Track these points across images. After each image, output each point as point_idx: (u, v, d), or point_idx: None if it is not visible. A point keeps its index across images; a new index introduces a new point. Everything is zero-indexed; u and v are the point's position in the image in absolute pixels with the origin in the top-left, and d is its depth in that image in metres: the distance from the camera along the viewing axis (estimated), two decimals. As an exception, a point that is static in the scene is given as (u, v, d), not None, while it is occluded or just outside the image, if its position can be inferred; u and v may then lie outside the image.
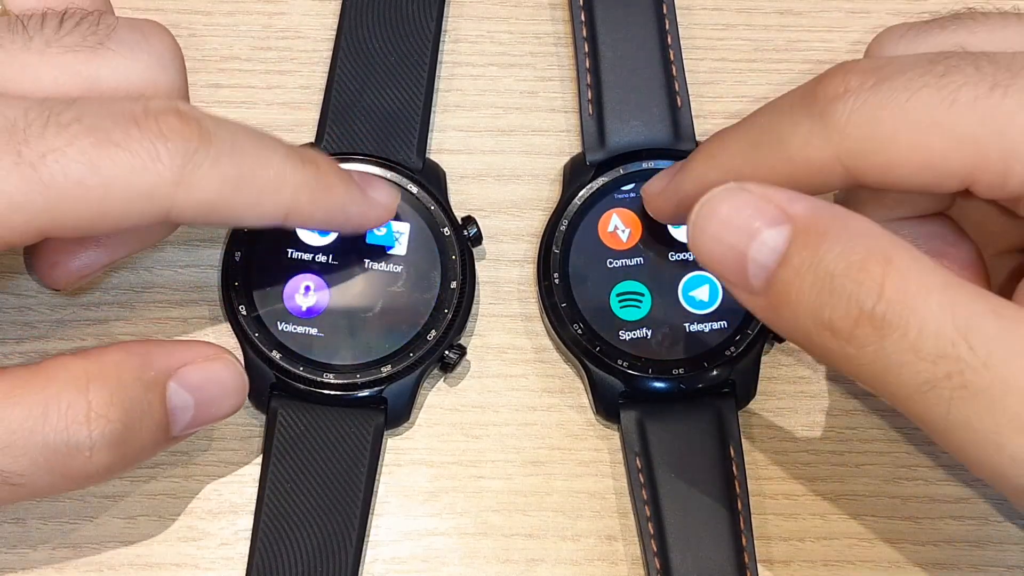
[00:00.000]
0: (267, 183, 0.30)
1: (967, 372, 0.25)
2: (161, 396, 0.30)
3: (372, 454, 0.35)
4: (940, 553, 0.36)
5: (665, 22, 0.39)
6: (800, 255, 0.27)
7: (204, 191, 0.29)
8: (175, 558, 0.35)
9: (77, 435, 0.28)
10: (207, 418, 0.31)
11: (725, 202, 0.28)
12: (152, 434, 0.30)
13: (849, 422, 0.37)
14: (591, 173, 0.38)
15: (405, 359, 0.35)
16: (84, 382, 0.28)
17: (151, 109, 0.28)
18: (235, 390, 0.32)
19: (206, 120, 0.29)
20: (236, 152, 0.29)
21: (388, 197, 0.34)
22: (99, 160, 0.27)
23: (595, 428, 0.37)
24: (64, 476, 0.29)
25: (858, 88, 0.28)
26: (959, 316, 0.26)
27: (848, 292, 0.26)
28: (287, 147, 0.31)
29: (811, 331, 0.27)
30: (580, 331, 0.36)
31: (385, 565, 0.35)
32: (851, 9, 0.41)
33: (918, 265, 0.26)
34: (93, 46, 0.30)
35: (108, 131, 0.27)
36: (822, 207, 0.28)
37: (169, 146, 0.28)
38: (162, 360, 0.30)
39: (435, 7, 0.39)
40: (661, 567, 0.34)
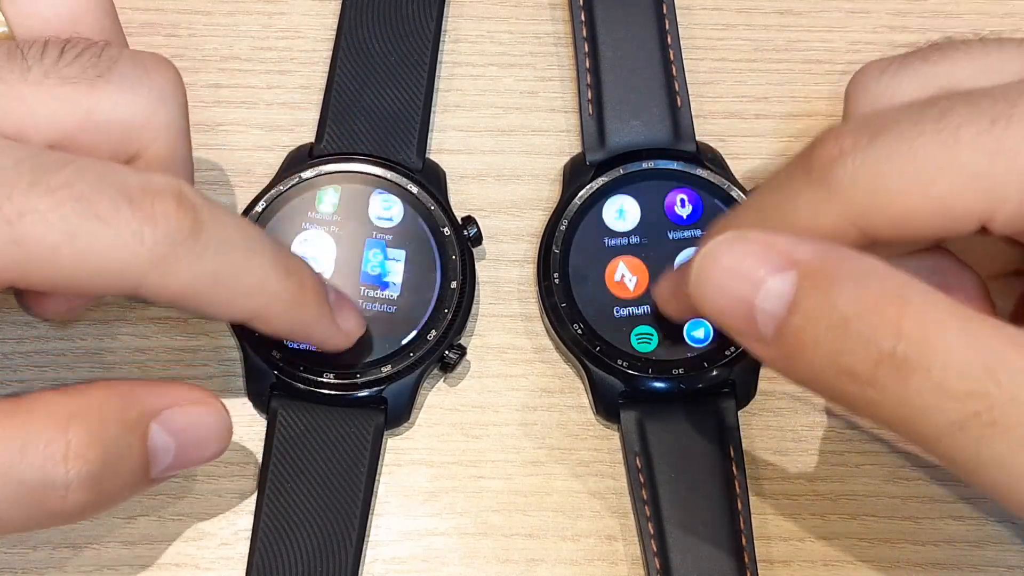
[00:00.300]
0: (245, 288, 0.30)
1: (996, 409, 0.25)
2: (142, 438, 0.29)
3: (372, 454, 0.35)
4: (940, 553, 0.36)
5: (665, 22, 0.39)
6: (810, 301, 0.26)
7: (178, 282, 0.28)
8: (175, 558, 0.35)
9: (53, 474, 0.27)
10: (188, 461, 0.31)
11: (726, 252, 0.27)
12: (131, 475, 0.29)
13: (849, 422, 0.37)
14: (591, 173, 0.38)
15: (405, 359, 0.35)
16: (65, 420, 0.28)
17: (151, 188, 0.28)
18: (218, 435, 0.31)
19: (204, 209, 0.28)
20: (223, 251, 0.29)
21: (354, 327, 0.34)
22: (79, 231, 0.27)
23: (595, 428, 0.37)
24: (37, 513, 0.28)
25: (853, 148, 0.28)
26: (981, 350, 0.25)
27: (865, 335, 0.25)
28: (275, 253, 0.30)
29: (830, 378, 0.26)
30: (580, 331, 0.36)
31: (385, 565, 0.35)
32: (851, 9, 0.41)
33: (933, 301, 0.26)
34: (92, 79, 0.30)
35: (95, 203, 0.27)
36: (828, 249, 0.27)
37: (157, 232, 0.27)
38: (146, 401, 0.30)
39: (435, 7, 0.39)
40: (661, 567, 0.34)
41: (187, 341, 0.37)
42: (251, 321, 0.31)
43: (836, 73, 0.40)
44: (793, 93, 0.40)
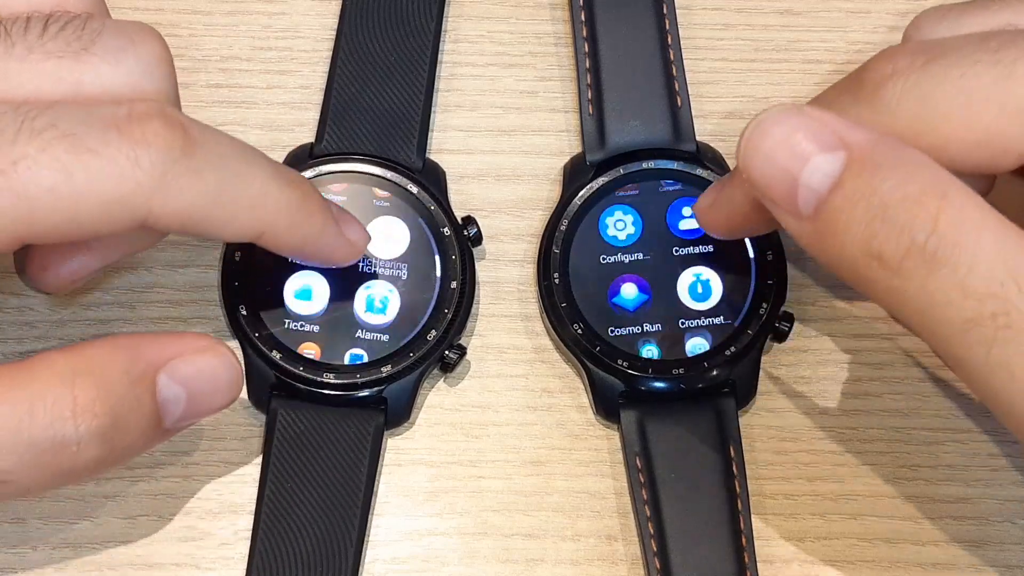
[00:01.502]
0: (248, 199, 0.30)
1: (1013, 313, 0.25)
2: (151, 389, 0.29)
3: (372, 454, 0.35)
4: (940, 553, 0.36)
5: (665, 22, 0.39)
6: (854, 183, 0.26)
7: (183, 201, 0.28)
8: (175, 558, 0.35)
9: (63, 430, 0.28)
10: (201, 411, 0.31)
11: (781, 123, 0.28)
12: (142, 428, 0.29)
13: (849, 422, 0.37)
14: (591, 173, 0.38)
15: (405, 359, 0.35)
16: (70, 377, 0.28)
17: (135, 113, 0.28)
18: (229, 382, 0.31)
19: (193, 127, 0.29)
20: (220, 164, 0.29)
21: (360, 237, 0.33)
22: (72, 167, 0.27)
23: (595, 428, 0.37)
24: (53, 472, 0.28)
25: (907, 69, 0.28)
26: (1011, 257, 0.25)
27: (901, 223, 0.26)
28: (273, 165, 0.31)
29: (858, 260, 0.27)
30: (580, 331, 0.36)
31: (385, 565, 0.35)
32: (851, 9, 0.41)
33: (973, 203, 0.26)
34: (77, 52, 0.29)
35: (84, 137, 0.27)
36: (880, 138, 0.27)
37: (151, 152, 0.27)
38: (151, 353, 0.30)
39: (435, 7, 0.39)
40: (661, 567, 0.34)
41: (187, 341, 0.37)
42: (260, 238, 0.31)
43: (836, 73, 0.40)
44: (793, 93, 0.40)
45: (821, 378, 0.37)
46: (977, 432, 0.37)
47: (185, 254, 0.38)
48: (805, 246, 0.28)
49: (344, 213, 0.34)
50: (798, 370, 0.37)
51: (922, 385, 0.37)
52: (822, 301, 0.38)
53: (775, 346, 0.37)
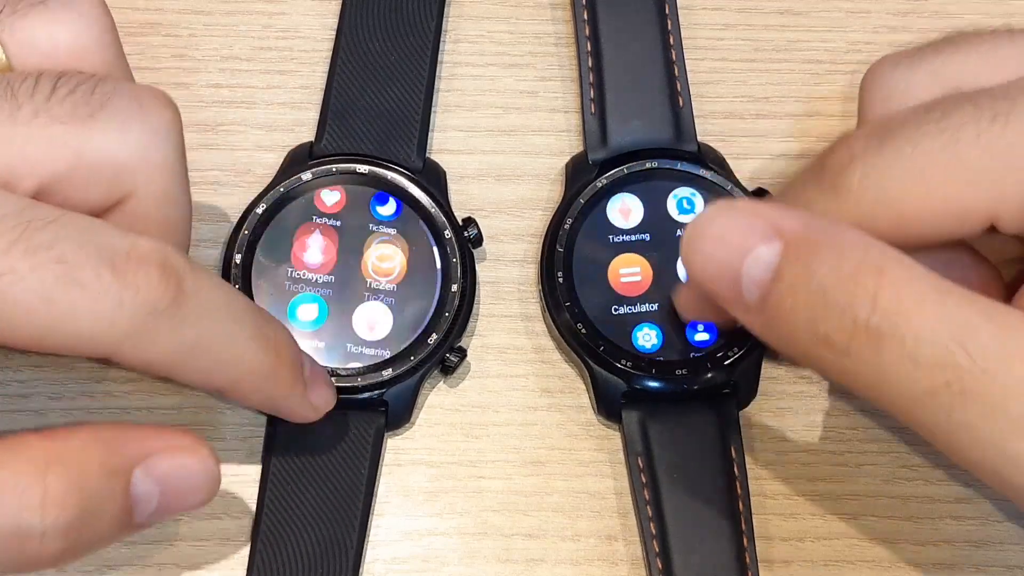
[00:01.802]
0: (220, 360, 0.29)
1: (966, 378, 0.25)
2: (124, 484, 0.29)
3: (373, 456, 0.35)
4: (940, 553, 0.36)
5: (667, 22, 0.39)
6: (792, 269, 0.27)
7: (153, 352, 0.28)
8: (175, 558, 0.35)
9: (29, 520, 0.27)
10: (172, 509, 0.30)
11: (716, 221, 0.28)
12: (112, 522, 0.29)
13: (849, 422, 0.37)
14: (594, 172, 0.38)
15: (406, 362, 0.35)
16: (43, 466, 0.27)
17: (134, 254, 0.27)
18: (204, 484, 0.30)
19: (188, 278, 0.28)
20: (204, 321, 0.28)
21: (324, 403, 0.33)
22: (56, 297, 0.26)
23: (595, 428, 0.37)
24: (15, 560, 0.27)
25: (863, 152, 0.28)
26: (954, 323, 0.26)
27: (842, 305, 0.26)
28: (256, 322, 0.30)
29: (808, 345, 0.27)
30: (583, 331, 0.36)
31: (385, 565, 0.35)
32: (851, 9, 0.41)
33: (910, 274, 0.26)
34: (83, 118, 0.29)
35: (77, 268, 0.26)
36: (814, 222, 0.27)
37: (136, 299, 0.27)
38: (130, 446, 0.29)
39: (435, 7, 0.39)
40: (662, 567, 0.34)
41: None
42: (223, 392, 0.31)
43: (836, 73, 0.40)
44: (793, 93, 0.40)
45: (821, 378, 0.37)
46: (977, 432, 0.37)
47: (185, 254, 0.38)
48: (760, 337, 0.29)
49: (316, 372, 0.33)
50: (799, 370, 0.37)
51: (922, 385, 0.37)
52: (822, 301, 0.38)
53: (775, 346, 0.37)
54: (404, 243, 0.36)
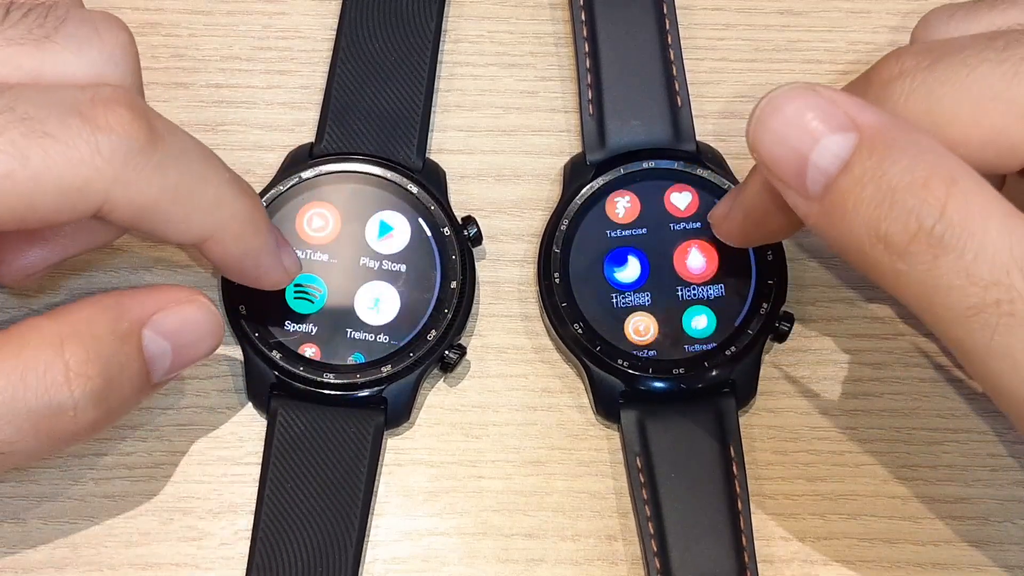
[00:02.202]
0: (205, 201, 0.29)
1: (1017, 301, 0.25)
2: (137, 346, 0.29)
3: (372, 454, 0.35)
4: (940, 553, 0.36)
5: (665, 22, 0.39)
6: (864, 165, 0.26)
7: (141, 193, 0.28)
8: (175, 558, 0.35)
9: (59, 396, 0.28)
10: (186, 361, 0.31)
11: (792, 102, 0.27)
12: (133, 384, 0.30)
13: (849, 422, 0.37)
14: (591, 173, 0.38)
15: (405, 359, 0.35)
16: (58, 342, 0.28)
17: (99, 98, 0.27)
18: (211, 330, 0.31)
19: (157, 120, 0.28)
20: (182, 161, 0.29)
21: (293, 266, 0.34)
22: (29, 151, 0.26)
23: (595, 428, 0.37)
24: (52, 438, 0.28)
25: (914, 69, 0.28)
26: (1016, 245, 0.25)
27: (909, 207, 0.26)
28: (230, 171, 0.31)
29: (864, 243, 0.27)
30: (580, 330, 0.36)
31: (385, 565, 0.35)
32: (851, 9, 0.41)
33: (982, 190, 0.26)
34: (38, 39, 0.29)
35: (42, 120, 0.26)
36: (891, 120, 0.27)
37: (112, 139, 0.27)
38: (134, 310, 0.30)
39: (435, 7, 0.39)
40: (661, 567, 0.34)
41: (187, 341, 0.37)
42: (206, 242, 0.30)
43: (836, 73, 0.40)
44: (793, 93, 0.40)
45: (821, 378, 0.37)
46: (977, 432, 0.37)
47: (185, 254, 0.38)
48: (812, 226, 0.28)
49: (284, 239, 0.34)
50: (798, 370, 0.37)
51: (922, 385, 0.37)
52: (822, 301, 0.38)
53: (775, 346, 0.37)
54: (403, 242, 0.36)
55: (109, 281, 0.37)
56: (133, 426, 0.36)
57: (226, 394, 0.37)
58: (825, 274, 0.38)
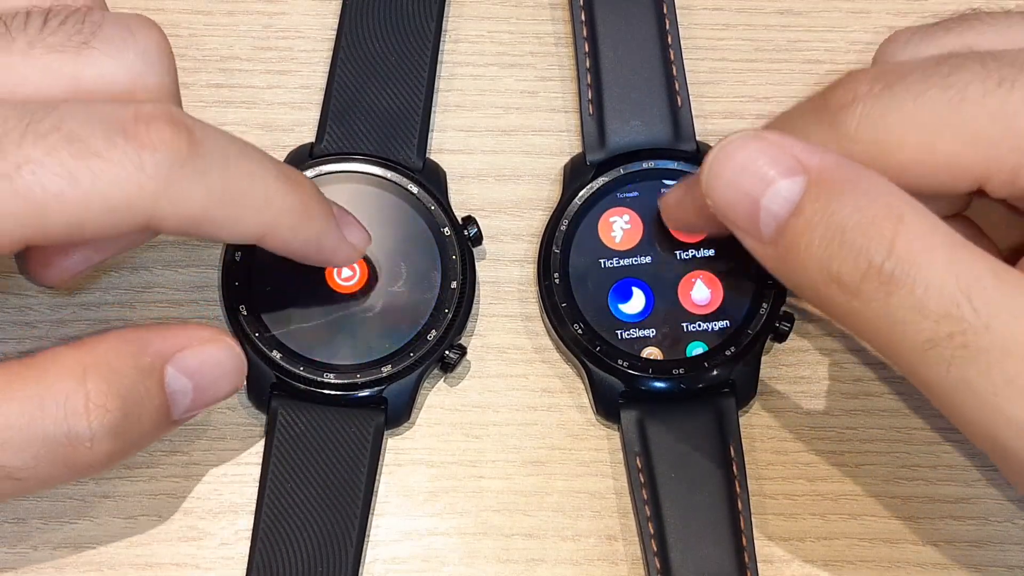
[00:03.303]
0: (253, 201, 0.29)
1: (969, 332, 0.26)
2: (159, 382, 0.30)
3: (372, 454, 0.35)
4: (940, 553, 0.36)
5: (665, 22, 0.39)
6: (813, 206, 0.27)
7: (188, 204, 0.28)
8: (175, 558, 0.35)
9: (77, 426, 0.28)
10: (207, 400, 0.31)
11: (742, 149, 0.28)
12: (152, 420, 0.30)
13: (849, 422, 0.37)
14: (591, 173, 0.38)
15: (405, 359, 0.35)
16: (80, 373, 0.28)
17: (142, 115, 0.28)
18: (234, 371, 0.31)
19: (197, 127, 0.28)
20: (225, 165, 0.29)
21: (361, 239, 0.33)
22: (78, 171, 0.27)
23: (595, 428, 0.37)
24: (67, 467, 0.28)
25: (866, 95, 0.29)
26: (963, 276, 0.26)
27: (858, 246, 0.26)
28: (277, 165, 0.31)
29: (818, 283, 0.27)
30: (580, 331, 0.36)
31: (385, 565, 0.35)
32: (851, 9, 0.41)
33: (928, 224, 0.27)
34: (78, 46, 0.29)
35: (89, 140, 0.27)
36: (839, 161, 0.28)
37: (156, 156, 0.27)
38: (158, 345, 0.30)
39: (435, 7, 0.39)
40: (661, 567, 0.34)
41: (187, 341, 0.37)
42: (262, 239, 0.31)
43: (836, 73, 0.40)
44: (793, 93, 0.40)
45: (821, 378, 0.37)
46: (977, 432, 0.37)
47: (185, 254, 0.38)
48: (770, 269, 0.29)
49: (345, 214, 0.33)
50: (798, 370, 0.37)
51: (922, 385, 0.37)
52: (822, 301, 0.38)
53: (775, 346, 0.37)
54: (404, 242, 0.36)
55: (109, 281, 0.37)
56: (133, 426, 0.36)
57: (226, 394, 0.37)
58: (825, 274, 0.38)
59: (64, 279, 0.33)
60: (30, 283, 0.37)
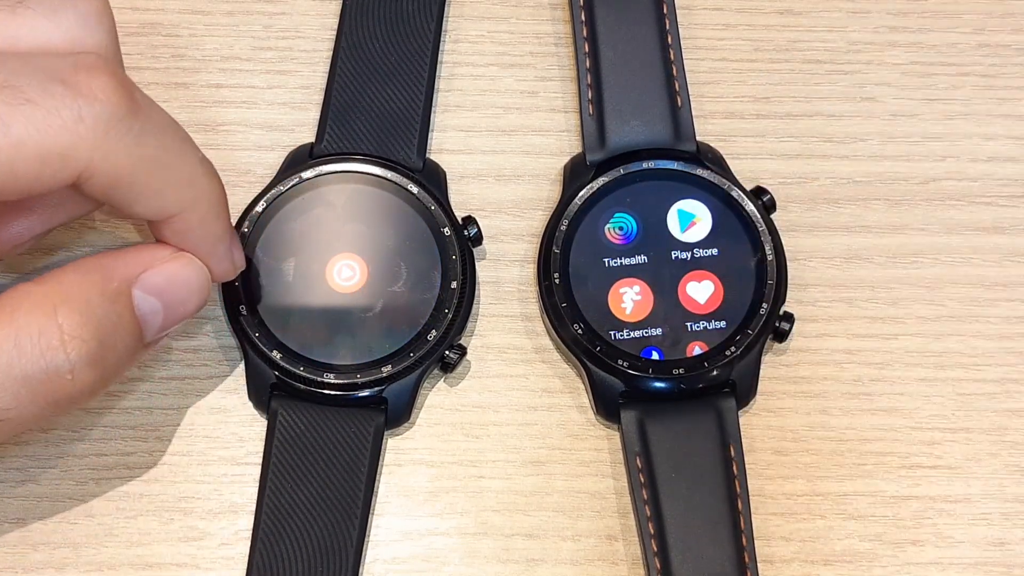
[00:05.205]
0: (179, 177, 0.29)
1: None
2: (128, 306, 0.30)
3: (372, 454, 0.35)
4: (940, 553, 0.36)
5: (665, 22, 0.39)
6: None
7: (119, 163, 0.28)
8: (175, 558, 0.35)
9: (55, 360, 0.28)
10: (177, 317, 0.31)
11: None
12: (127, 344, 0.30)
13: (849, 422, 0.37)
14: (591, 173, 0.38)
15: (405, 359, 0.35)
16: (50, 307, 0.28)
17: (81, 64, 0.27)
18: (199, 286, 0.31)
19: (138, 92, 0.28)
20: (160, 135, 0.29)
21: (241, 261, 0.34)
22: (11, 118, 0.26)
23: (595, 428, 0.37)
24: (49, 403, 0.28)
25: None
26: None
27: None
28: (203, 154, 0.31)
29: None
30: (580, 331, 0.36)
31: (385, 565, 0.35)
32: (851, 9, 0.41)
33: None
34: (12, 5, 0.29)
35: (24, 88, 0.26)
36: None
37: (95, 107, 0.27)
38: (121, 270, 0.30)
39: (435, 7, 0.39)
40: (661, 567, 0.34)
41: (188, 341, 0.37)
42: (171, 223, 0.30)
43: (836, 73, 0.40)
44: (793, 93, 0.40)
45: (821, 378, 0.37)
46: (977, 432, 0.37)
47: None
48: None
49: (235, 234, 0.33)
50: (798, 370, 0.37)
51: (922, 385, 0.37)
52: (822, 301, 0.38)
53: (775, 346, 0.37)
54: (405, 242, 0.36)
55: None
56: (133, 426, 0.36)
57: (226, 394, 0.37)
58: (825, 274, 0.38)
59: (7, 250, 0.33)
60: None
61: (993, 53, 0.41)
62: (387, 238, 0.36)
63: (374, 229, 0.36)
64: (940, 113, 0.40)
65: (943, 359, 0.38)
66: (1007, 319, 0.38)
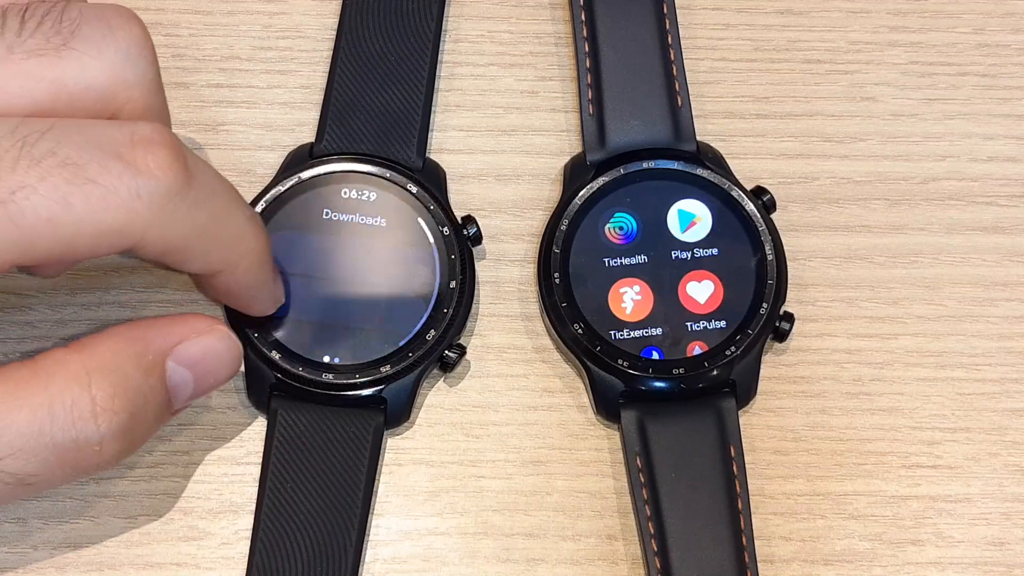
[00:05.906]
0: (227, 238, 0.30)
1: None
2: (161, 378, 0.30)
3: (372, 454, 0.35)
4: (940, 553, 0.36)
5: (665, 22, 0.39)
6: None
7: (174, 235, 0.28)
8: (175, 558, 0.35)
9: (85, 431, 0.28)
10: (206, 388, 0.32)
11: None
12: (156, 415, 0.30)
13: (849, 422, 0.37)
14: (591, 173, 0.38)
15: (404, 359, 0.35)
16: (85, 377, 0.28)
17: (138, 138, 0.28)
18: (231, 359, 0.32)
19: (190, 157, 0.28)
20: (212, 200, 0.29)
21: (281, 296, 0.35)
22: (72, 197, 0.26)
23: (595, 428, 0.37)
24: (76, 470, 0.29)
25: None
26: None
27: None
28: (249, 208, 0.31)
29: None
30: (580, 331, 0.36)
31: (385, 565, 0.35)
32: (851, 9, 0.41)
33: None
34: (57, 48, 0.29)
35: (84, 166, 0.27)
36: None
37: (151, 184, 0.27)
38: (159, 342, 0.30)
39: (435, 7, 0.39)
40: (661, 567, 0.34)
41: (187, 341, 0.37)
42: (218, 277, 0.31)
43: (836, 73, 0.40)
44: (793, 93, 0.40)
45: (821, 378, 0.37)
46: (977, 432, 0.37)
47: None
48: None
49: (276, 269, 0.34)
50: (798, 370, 0.37)
51: (922, 385, 0.37)
52: (822, 301, 0.38)
53: (775, 346, 0.37)
54: (403, 241, 0.36)
55: (109, 281, 0.37)
56: (133, 426, 0.36)
57: (226, 394, 0.37)
58: (825, 274, 0.38)
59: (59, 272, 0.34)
60: (32, 281, 0.37)
61: (993, 53, 0.41)
62: (387, 237, 0.36)
63: (373, 228, 0.36)
64: (940, 113, 0.40)
65: (943, 359, 0.38)
66: (1007, 319, 0.38)
